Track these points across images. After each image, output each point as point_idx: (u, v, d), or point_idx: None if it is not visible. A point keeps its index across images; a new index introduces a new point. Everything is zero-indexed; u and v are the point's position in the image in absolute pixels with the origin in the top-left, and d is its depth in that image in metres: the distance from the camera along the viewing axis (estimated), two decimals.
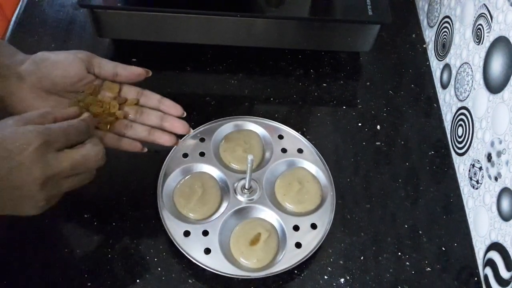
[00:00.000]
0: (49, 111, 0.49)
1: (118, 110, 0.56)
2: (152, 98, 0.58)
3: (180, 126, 0.57)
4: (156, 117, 0.57)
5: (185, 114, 0.58)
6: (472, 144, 0.64)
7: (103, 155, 0.50)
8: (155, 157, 0.64)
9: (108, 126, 0.55)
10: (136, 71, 0.57)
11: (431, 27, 0.80)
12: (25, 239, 0.58)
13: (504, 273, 0.55)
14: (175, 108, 0.58)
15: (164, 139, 0.57)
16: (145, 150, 0.57)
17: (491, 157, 0.59)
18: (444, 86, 0.74)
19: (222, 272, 0.55)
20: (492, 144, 0.59)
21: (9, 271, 0.56)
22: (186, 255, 0.56)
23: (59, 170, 0.45)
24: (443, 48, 0.75)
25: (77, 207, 0.61)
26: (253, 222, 0.59)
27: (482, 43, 0.63)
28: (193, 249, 0.56)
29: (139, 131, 0.57)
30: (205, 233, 0.57)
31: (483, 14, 0.63)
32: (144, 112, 0.57)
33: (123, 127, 0.56)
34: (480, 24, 0.63)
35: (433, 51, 0.79)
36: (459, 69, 0.69)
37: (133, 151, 0.56)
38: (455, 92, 0.70)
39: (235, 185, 0.61)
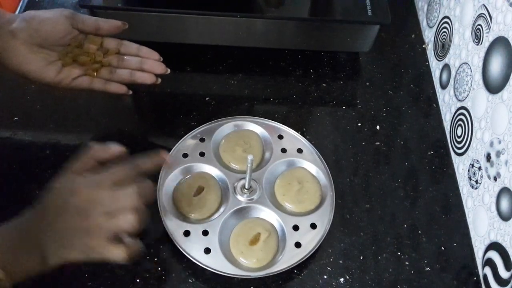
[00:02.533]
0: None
1: (103, 58, 0.62)
2: (131, 47, 0.64)
3: (158, 66, 0.63)
4: (136, 61, 0.63)
5: (161, 59, 0.63)
6: (471, 144, 0.64)
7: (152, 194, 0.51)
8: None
9: (95, 73, 0.61)
10: (115, 24, 0.62)
11: (431, 27, 0.80)
12: None
13: (503, 273, 0.55)
14: (152, 54, 0.63)
15: (144, 78, 0.62)
16: (130, 92, 0.63)
17: (490, 157, 0.59)
18: (444, 86, 0.74)
19: (222, 272, 0.55)
20: (491, 144, 0.59)
21: None
22: (186, 254, 0.56)
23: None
24: (443, 48, 0.75)
25: None
26: (253, 222, 0.59)
27: (481, 43, 0.63)
28: (193, 248, 0.56)
29: (122, 74, 0.62)
30: (205, 233, 0.58)
31: (482, 15, 0.63)
32: (125, 59, 0.63)
33: (108, 73, 0.62)
34: (480, 25, 0.64)
35: (432, 51, 0.79)
36: (458, 69, 0.69)
37: (119, 93, 0.62)
38: (455, 92, 0.70)
39: (235, 185, 0.61)
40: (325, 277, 0.58)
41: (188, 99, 0.72)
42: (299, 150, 0.66)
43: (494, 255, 0.57)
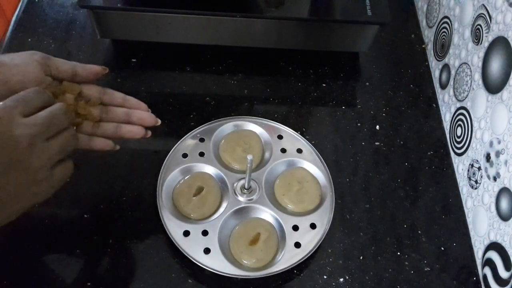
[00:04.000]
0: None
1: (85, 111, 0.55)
2: (115, 96, 0.57)
3: (148, 118, 0.57)
4: (122, 113, 0.56)
5: (149, 111, 0.58)
6: (471, 144, 0.64)
7: (66, 110, 0.48)
8: (155, 157, 0.64)
9: (75, 128, 0.53)
10: (94, 70, 0.55)
11: (430, 27, 0.80)
12: (25, 239, 0.59)
13: (503, 273, 0.55)
14: (139, 105, 0.57)
15: (133, 131, 0.56)
16: (117, 147, 0.56)
17: (490, 157, 0.59)
18: (443, 86, 0.74)
19: (221, 272, 0.55)
20: (491, 144, 0.59)
21: (9, 271, 0.56)
22: (186, 255, 0.56)
23: (36, 128, 0.45)
24: (442, 48, 0.75)
25: (77, 207, 0.61)
26: (253, 222, 0.59)
27: (481, 43, 0.63)
28: (193, 249, 0.56)
29: (107, 128, 0.55)
30: (205, 233, 0.58)
31: (482, 15, 0.63)
32: (110, 110, 0.56)
33: (91, 127, 0.55)
34: (479, 25, 0.64)
35: (432, 51, 0.79)
36: (458, 69, 0.69)
37: (105, 150, 0.55)
38: (454, 92, 0.70)
39: (235, 185, 0.61)
40: (325, 277, 0.58)
41: (188, 99, 0.72)
42: (299, 150, 0.66)
43: (493, 255, 0.57)
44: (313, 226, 0.59)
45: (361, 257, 0.60)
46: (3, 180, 0.43)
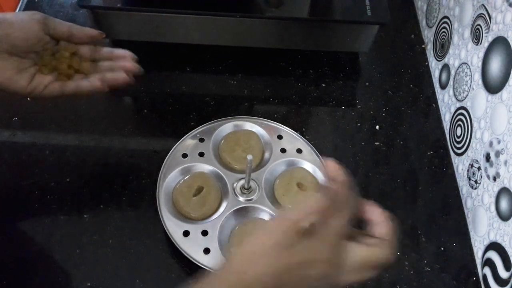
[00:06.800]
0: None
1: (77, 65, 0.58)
2: (104, 51, 0.60)
3: (129, 64, 0.59)
4: (108, 65, 0.59)
5: (136, 58, 0.60)
6: (470, 144, 0.64)
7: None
8: (155, 157, 0.64)
9: (68, 79, 0.58)
10: (90, 33, 0.59)
11: (430, 27, 0.80)
12: (25, 239, 0.59)
13: (503, 273, 0.55)
14: (125, 53, 0.60)
15: (115, 77, 0.58)
16: (106, 88, 0.58)
17: (489, 157, 0.59)
18: (443, 86, 0.74)
19: None
20: (491, 144, 0.59)
21: (9, 271, 0.56)
22: (186, 255, 0.56)
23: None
24: (442, 48, 0.75)
25: (77, 207, 0.61)
26: (253, 222, 0.59)
27: (480, 43, 0.63)
28: (193, 249, 0.56)
29: (94, 79, 0.58)
30: (205, 233, 0.58)
31: (481, 15, 0.63)
32: (98, 65, 0.59)
33: (81, 79, 0.58)
34: (479, 25, 0.64)
35: (432, 51, 0.79)
36: (457, 69, 0.69)
37: (94, 90, 0.57)
38: (454, 92, 0.70)
39: (235, 185, 0.61)
40: None
41: (187, 99, 0.72)
42: (299, 150, 0.66)
43: (493, 255, 0.57)
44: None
45: None
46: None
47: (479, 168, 0.62)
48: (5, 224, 0.59)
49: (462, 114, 0.67)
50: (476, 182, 0.62)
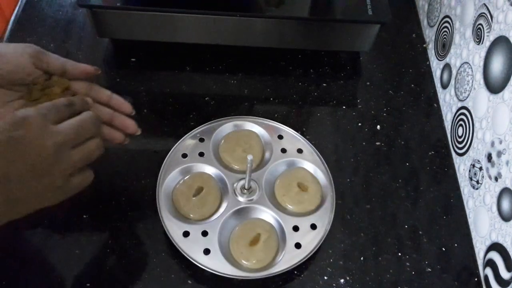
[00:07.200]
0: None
1: None
2: (102, 93, 0.57)
3: (130, 125, 0.57)
4: (107, 114, 0.56)
5: (134, 113, 0.58)
6: (472, 144, 0.64)
7: (98, 119, 0.51)
8: (154, 157, 0.64)
9: None
10: (85, 69, 0.56)
11: (431, 26, 0.80)
12: (25, 239, 0.58)
13: (505, 274, 0.55)
14: (125, 105, 0.58)
15: (113, 136, 0.56)
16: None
17: (491, 157, 0.59)
18: (444, 86, 0.74)
19: (221, 273, 0.55)
20: (492, 144, 0.59)
21: (9, 272, 0.56)
22: (186, 255, 0.55)
23: (64, 137, 0.46)
24: (443, 48, 0.75)
25: (76, 208, 0.61)
26: (253, 222, 0.59)
27: (482, 43, 0.63)
28: (193, 249, 0.56)
29: None
30: (205, 233, 0.57)
31: (483, 14, 0.63)
32: (95, 107, 0.56)
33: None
34: (480, 24, 0.63)
35: (433, 51, 0.79)
36: (459, 69, 0.69)
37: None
38: (455, 92, 0.70)
39: (235, 185, 0.61)
40: (326, 278, 0.58)
41: (187, 99, 0.72)
42: (299, 150, 0.65)
43: (495, 255, 0.57)
44: (313, 226, 0.59)
45: (361, 258, 0.60)
46: (21, 181, 0.44)
47: (480, 168, 0.61)
48: (4, 224, 0.59)
49: (463, 114, 0.67)
50: (477, 182, 0.62)
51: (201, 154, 0.64)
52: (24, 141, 0.44)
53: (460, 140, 0.68)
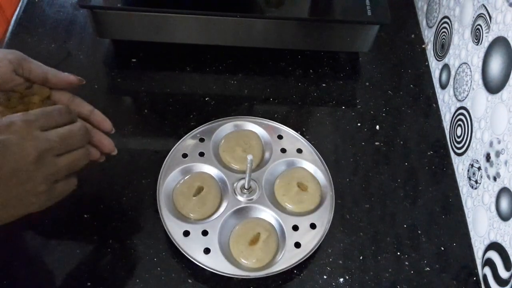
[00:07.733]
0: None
1: None
2: (83, 107, 0.56)
3: (106, 144, 0.55)
4: None
5: (113, 131, 0.56)
6: (471, 144, 0.64)
7: (87, 132, 0.51)
8: (155, 157, 0.65)
9: None
10: (67, 79, 0.55)
11: (430, 27, 0.80)
12: (25, 239, 0.59)
13: (503, 273, 0.55)
14: (105, 122, 0.56)
15: (88, 153, 0.54)
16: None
17: (490, 157, 0.59)
18: (443, 86, 0.74)
19: (221, 272, 0.55)
20: (491, 144, 0.59)
21: (9, 271, 0.56)
22: (186, 255, 0.56)
23: (49, 143, 0.46)
24: (442, 48, 0.75)
25: (77, 207, 0.61)
26: (253, 222, 0.59)
27: (481, 44, 0.63)
28: (193, 249, 0.56)
29: None
30: (205, 233, 0.58)
31: (482, 15, 0.63)
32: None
33: None
34: (479, 25, 0.64)
35: (432, 51, 0.79)
36: (458, 69, 0.69)
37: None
38: (454, 92, 0.70)
39: (235, 185, 0.61)
40: (325, 277, 0.58)
41: (187, 99, 0.72)
42: (299, 150, 0.66)
43: (493, 255, 0.57)
44: (313, 226, 0.59)
45: (361, 257, 0.60)
46: (3, 185, 0.44)
47: (479, 168, 0.62)
48: (4, 224, 0.59)
49: (462, 114, 0.67)
50: (476, 182, 0.62)
51: (201, 154, 0.64)
52: (6, 145, 0.44)
53: (458, 140, 0.68)
